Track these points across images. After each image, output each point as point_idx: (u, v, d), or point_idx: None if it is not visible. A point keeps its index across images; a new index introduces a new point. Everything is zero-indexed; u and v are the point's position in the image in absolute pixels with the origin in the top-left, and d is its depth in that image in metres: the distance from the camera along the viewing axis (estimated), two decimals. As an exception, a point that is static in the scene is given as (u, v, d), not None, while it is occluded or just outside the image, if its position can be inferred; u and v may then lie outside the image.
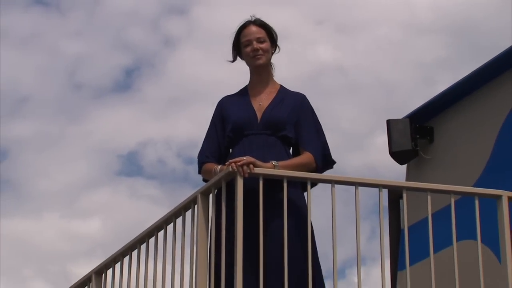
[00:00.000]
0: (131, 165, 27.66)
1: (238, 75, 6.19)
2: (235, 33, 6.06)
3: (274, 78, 6.10)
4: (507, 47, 7.39)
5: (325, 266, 5.28)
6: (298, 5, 24.59)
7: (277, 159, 5.72)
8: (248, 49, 5.99)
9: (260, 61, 5.99)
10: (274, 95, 6.00)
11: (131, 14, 27.35)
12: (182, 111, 25.72)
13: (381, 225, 5.42)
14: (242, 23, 6.05)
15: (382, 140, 7.99)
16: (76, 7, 27.53)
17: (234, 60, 6.11)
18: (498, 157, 7.32)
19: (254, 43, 5.98)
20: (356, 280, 5.25)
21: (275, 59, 6.10)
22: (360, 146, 22.25)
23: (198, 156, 6.00)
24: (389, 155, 7.95)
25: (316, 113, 6.03)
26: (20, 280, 26.05)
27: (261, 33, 6.00)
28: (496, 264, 5.44)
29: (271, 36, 6.05)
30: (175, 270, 5.48)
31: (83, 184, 27.61)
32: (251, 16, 6.07)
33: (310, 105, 6.02)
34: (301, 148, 5.91)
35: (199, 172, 5.97)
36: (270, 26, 6.06)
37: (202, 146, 6.01)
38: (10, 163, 27.75)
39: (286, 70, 6.13)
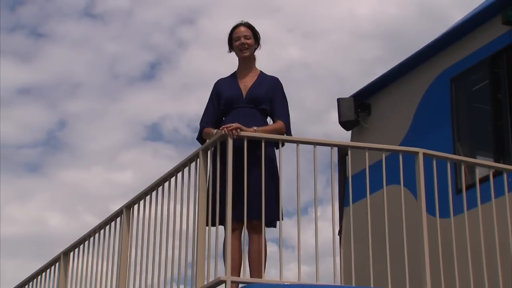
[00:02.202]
0: (154, 133, 27.79)
1: (231, 68, 6.15)
2: (229, 32, 6.04)
3: (256, 66, 6.06)
4: (421, 48, 7.39)
5: (293, 205, 5.27)
6: (275, 18, 24.82)
7: (257, 125, 5.72)
8: (237, 43, 5.99)
9: (246, 53, 5.99)
10: (255, 78, 5.98)
11: (154, 24, 27.35)
12: (191, 94, 25.81)
13: (332, 174, 5.40)
14: (235, 24, 6.04)
15: (334, 114, 7.97)
16: (115, 18, 27.45)
17: (230, 51, 6.07)
18: (416, 125, 7.33)
19: (242, 39, 5.97)
20: (314, 216, 5.25)
21: (258, 54, 6.07)
22: (319, 120, 22.46)
23: (200, 123, 5.99)
24: (339, 124, 7.96)
25: (287, 96, 6.01)
26: (75, 214, 26.12)
27: (248, 32, 5.99)
28: (413, 201, 5.41)
29: (255, 35, 6.03)
30: (183, 205, 5.45)
31: (120, 146, 27.72)
32: (241, 20, 6.07)
33: (282, 86, 6.01)
34: (275, 117, 5.89)
35: (199, 135, 5.95)
36: (255, 28, 6.05)
37: (202, 115, 6.00)
38: (68, 131, 27.74)
39: (265, 65, 6.11)
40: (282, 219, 5.34)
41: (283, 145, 5.48)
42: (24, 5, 27.95)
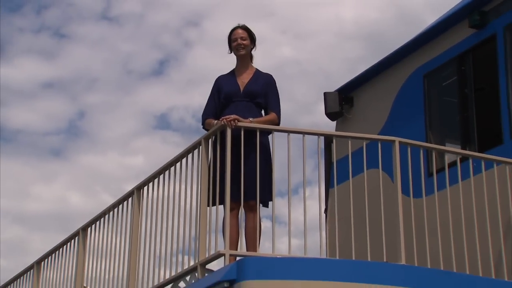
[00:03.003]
0: (162, 122, 27.89)
1: (230, 65, 6.10)
2: (228, 34, 6.00)
3: (252, 64, 6.02)
4: (398, 47, 7.35)
5: (285, 186, 5.23)
6: (270, 21, 24.86)
7: (253, 117, 5.68)
8: (235, 43, 5.95)
9: (241, 52, 5.95)
10: (251, 75, 5.93)
11: (163, 26, 27.42)
12: (195, 88, 25.91)
13: (319, 160, 5.39)
14: (233, 27, 5.99)
15: (321, 106, 7.95)
16: (128, 21, 27.45)
17: (230, 52, 6.01)
18: (393, 116, 7.32)
19: (238, 40, 5.93)
20: (303, 195, 5.23)
21: (255, 53, 6.03)
22: (309, 111, 22.55)
23: (202, 115, 5.96)
24: (325, 115, 7.93)
25: (280, 90, 5.98)
26: (93, 194, 26.17)
27: (244, 34, 5.94)
28: (390, 183, 5.39)
29: (251, 36, 5.98)
30: (187, 187, 5.44)
31: (132, 134, 27.76)
32: (239, 23, 6.02)
33: (275, 82, 5.96)
34: (269, 110, 5.86)
35: (203, 124, 5.91)
36: (251, 30, 6.00)
37: (204, 108, 5.96)
38: (87, 120, 27.76)
39: (261, 62, 6.09)
40: (272, 200, 5.32)
41: (269, 133, 5.45)
42: (49, 9, 27.96)
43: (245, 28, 5.97)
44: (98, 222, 6.50)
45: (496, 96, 6.26)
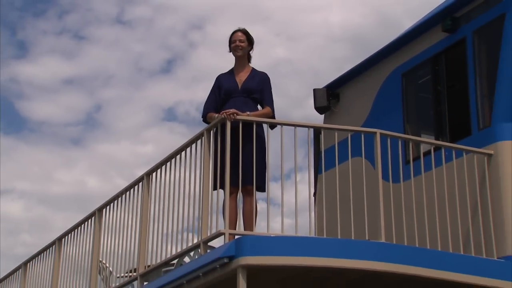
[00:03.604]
0: (170, 115, 28.05)
1: (230, 64, 6.09)
2: (229, 36, 5.98)
3: (249, 63, 6.00)
4: (379, 49, 7.33)
5: (278, 172, 5.25)
6: (266, 24, 24.92)
7: (250, 111, 5.68)
8: (233, 45, 5.94)
9: (239, 54, 5.94)
10: (248, 73, 5.92)
11: (170, 29, 27.45)
12: (199, 84, 26.06)
13: (309, 149, 5.41)
14: (233, 30, 5.99)
15: (311, 101, 7.93)
16: (140, 24, 27.46)
17: (230, 51, 5.98)
18: (375, 110, 7.30)
19: (237, 42, 5.91)
20: (295, 180, 5.25)
21: (252, 54, 6.01)
22: (300, 105, 22.70)
23: (203, 109, 5.94)
24: (314, 109, 7.92)
25: (274, 87, 5.97)
26: (108, 178, 26.27)
27: (243, 37, 5.92)
28: (372, 170, 5.40)
29: (249, 39, 5.95)
30: (191, 173, 5.44)
31: (143, 125, 27.86)
32: (239, 26, 6.02)
33: (269, 79, 5.95)
34: (264, 104, 5.85)
35: (203, 117, 5.89)
36: (249, 33, 5.98)
37: (206, 103, 5.95)
38: (102, 113, 27.86)
39: (258, 61, 6.09)
40: (267, 185, 5.36)
41: (270, 127, 5.46)
42: (69, 13, 27.95)
43: (244, 32, 5.94)
44: (112, 204, 6.50)
45: (466, 93, 6.26)
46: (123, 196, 6.33)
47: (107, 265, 6.75)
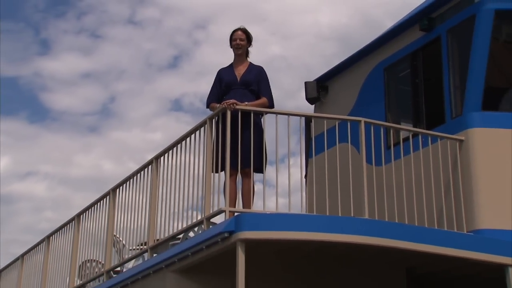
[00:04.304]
0: (176, 106, 28.03)
1: (229, 60, 6.00)
2: (230, 34, 5.90)
3: (247, 58, 5.92)
4: (363, 46, 7.24)
5: (273, 157, 5.21)
6: (263, 24, 24.86)
7: (248, 101, 5.60)
8: (234, 43, 5.86)
9: (239, 51, 5.86)
10: (246, 67, 5.85)
11: (177, 28, 27.34)
12: (203, 78, 26.06)
13: (301, 135, 5.35)
14: (234, 29, 5.90)
15: (303, 93, 7.87)
16: (149, 24, 27.36)
17: (231, 47, 5.88)
18: (360, 101, 7.24)
19: (237, 40, 5.84)
20: (288, 164, 5.20)
21: (251, 50, 5.93)
22: (293, 97, 22.72)
23: (206, 100, 5.88)
24: (305, 100, 7.86)
25: (269, 79, 5.89)
26: (121, 162, 26.27)
27: (243, 36, 5.85)
28: (357, 154, 5.36)
29: (248, 37, 5.87)
30: (195, 157, 5.39)
31: (152, 115, 27.84)
32: (240, 25, 5.93)
33: (266, 73, 5.87)
34: (261, 95, 5.77)
35: (207, 107, 5.83)
36: (249, 32, 5.91)
37: (209, 94, 5.88)
38: (116, 103, 27.81)
39: (255, 57, 6.06)
40: (266, 166, 5.29)
41: (265, 115, 5.39)
42: (87, 15, 27.83)
43: (244, 31, 5.87)
44: (124, 184, 6.46)
45: (440, 86, 6.22)
46: (135, 177, 6.28)
47: (121, 238, 6.71)
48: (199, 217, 5.17)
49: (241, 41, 5.82)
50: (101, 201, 6.88)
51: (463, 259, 5.02)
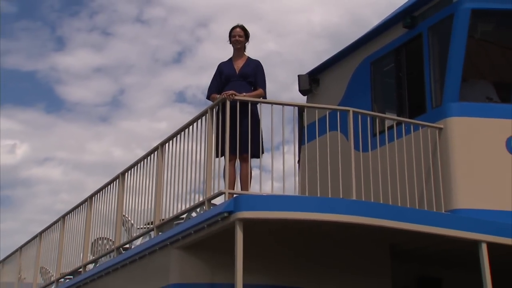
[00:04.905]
0: (180, 97, 27.97)
1: (229, 54, 5.92)
2: (229, 30, 5.82)
3: (245, 53, 5.84)
4: (351, 42, 7.18)
5: (269, 144, 5.15)
6: (259, 23, 24.80)
7: (246, 92, 5.53)
8: (233, 39, 5.79)
9: (238, 47, 5.78)
10: (244, 61, 5.77)
11: (181, 26, 27.21)
12: (204, 72, 25.97)
13: (294, 124, 5.33)
14: (233, 26, 5.83)
15: (296, 85, 7.83)
16: (156, 23, 27.21)
17: (230, 43, 5.80)
18: (349, 92, 7.18)
19: (237, 37, 5.76)
20: (282, 150, 5.15)
21: (248, 46, 5.87)
22: (287, 89, 22.78)
23: (207, 91, 5.81)
24: (299, 92, 7.80)
25: (266, 73, 5.81)
26: (131, 149, 26.24)
27: (241, 32, 5.77)
28: (346, 141, 5.32)
29: (246, 34, 5.81)
30: (197, 144, 5.32)
31: (158, 106, 27.81)
32: (238, 23, 5.85)
33: (262, 66, 5.80)
34: (258, 87, 5.70)
35: (208, 98, 5.76)
36: (246, 29, 5.84)
37: (209, 86, 5.81)
38: (125, 95, 27.72)
39: (253, 53, 6.00)
40: (263, 153, 5.24)
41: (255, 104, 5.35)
42: (98, 14, 27.72)
43: (242, 28, 5.79)
44: (133, 169, 6.41)
45: (422, 79, 6.18)
46: (142, 162, 6.22)
47: (129, 218, 6.67)
48: (201, 199, 5.13)
49: (239, 37, 5.75)
50: (111, 184, 6.83)
51: (441, 236, 5.00)
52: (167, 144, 5.82)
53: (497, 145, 5.61)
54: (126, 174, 6.54)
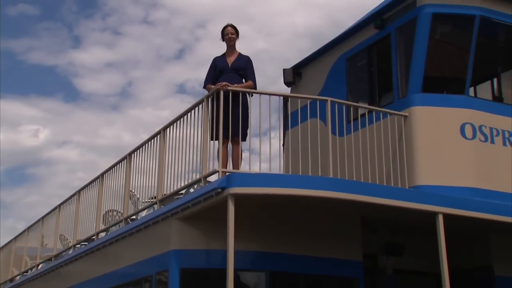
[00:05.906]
0: (180, 89, 27.82)
1: (222, 50, 5.77)
2: (222, 29, 5.69)
3: (236, 49, 5.70)
4: (329, 40, 7.04)
5: (257, 130, 5.04)
6: (250, 24, 24.51)
7: (237, 83, 5.42)
8: (226, 37, 5.66)
9: (231, 43, 5.66)
10: (236, 56, 5.65)
11: (182, 27, 26.89)
12: (202, 67, 25.87)
13: (279, 112, 5.20)
14: (225, 25, 5.70)
15: (281, 78, 7.72)
16: (160, 24, 26.86)
17: (222, 40, 5.67)
18: (327, 85, 7.07)
19: (229, 34, 5.64)
20: (269, 135, 5.05)
21: (239, 45, 5.74)
22: (274, 82, 22.86)
23: (204, 82, 5.67)
24: (284, 84, 7.68)
25: (256, 69, 5.68)
26: (137, 133, 26.16)
27: (233, 31, 5.66)
28: (324, 127, 5.23)
29: (237, 32, 5.68)
30: (194, 129, 5.21)
31: (160, 97, 27.69)
32: (228, 22, 5.72)
33: (251, 61, 5.67)
34: (248, 79, 5.57)
35: (204, 87, 5.61)
36: (236, 27, 5.71)
37: (205, 77, 5.67)
38: (133, 87, 27.54)
39: (244, 51, 5.87)
40: (246, 137, 5.14)
41: (251, 95, 5.21)
42: (110, 16, 27.36)
43: (233, 26, 5.67)
44: (138, 150, 6.27)
45: (390, 73, 6.10)
46: (146, 145, 6.08)
47: (135, 193, 6.56)
48: (197, 176, 5.03)
49: (232, 35, 5.63)
50: (120, 164, 6.70)
51: (404, 208, 4.98)
52: (168, 129, 5.69)
53: (453, 131, 5.62)
54: (133, 155, 6.41)
